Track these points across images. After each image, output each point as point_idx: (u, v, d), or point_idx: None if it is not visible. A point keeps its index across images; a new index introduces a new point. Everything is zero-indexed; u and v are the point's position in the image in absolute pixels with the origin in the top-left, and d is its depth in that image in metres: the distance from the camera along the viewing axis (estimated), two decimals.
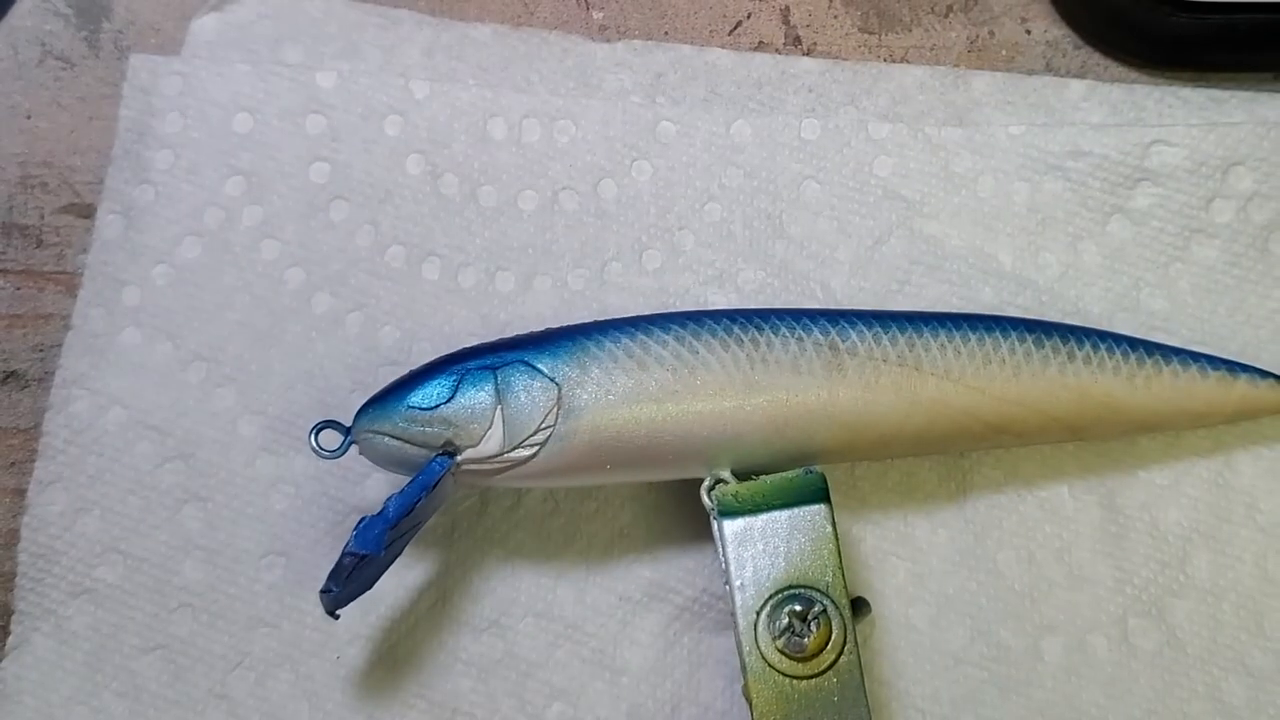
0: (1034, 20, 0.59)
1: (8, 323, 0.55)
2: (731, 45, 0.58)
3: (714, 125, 0.56)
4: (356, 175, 0.55)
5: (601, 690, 0.50)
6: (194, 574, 0.51)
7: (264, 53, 0.57)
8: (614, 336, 0.47)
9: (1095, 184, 0.54)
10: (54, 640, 0.50)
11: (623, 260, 0.54)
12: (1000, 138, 0.55)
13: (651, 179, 0.55)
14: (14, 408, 0.54)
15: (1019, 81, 0.57)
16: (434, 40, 0.58)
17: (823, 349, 0.47)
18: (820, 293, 0.54)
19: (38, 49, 0.59)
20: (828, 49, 0.59)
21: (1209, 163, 0.54)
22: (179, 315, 0.53)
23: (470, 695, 0.50)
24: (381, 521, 0.44)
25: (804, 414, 0.47)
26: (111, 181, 0.55)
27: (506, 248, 0.55)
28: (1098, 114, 0.56)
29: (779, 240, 0.54)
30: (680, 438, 0.46)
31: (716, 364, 0.47)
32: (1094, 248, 0.54)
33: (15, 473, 0.53)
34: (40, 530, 0.51)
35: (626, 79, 0.57)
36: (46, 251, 0.56)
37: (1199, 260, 0.54)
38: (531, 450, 0.46)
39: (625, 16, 0.59)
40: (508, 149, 0.55)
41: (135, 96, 0.56)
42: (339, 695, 0.50)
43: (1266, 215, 0.54)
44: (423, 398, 0.46)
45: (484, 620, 0.51)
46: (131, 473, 0.52)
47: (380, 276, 0.54)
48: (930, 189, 0.55)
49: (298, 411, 0.53)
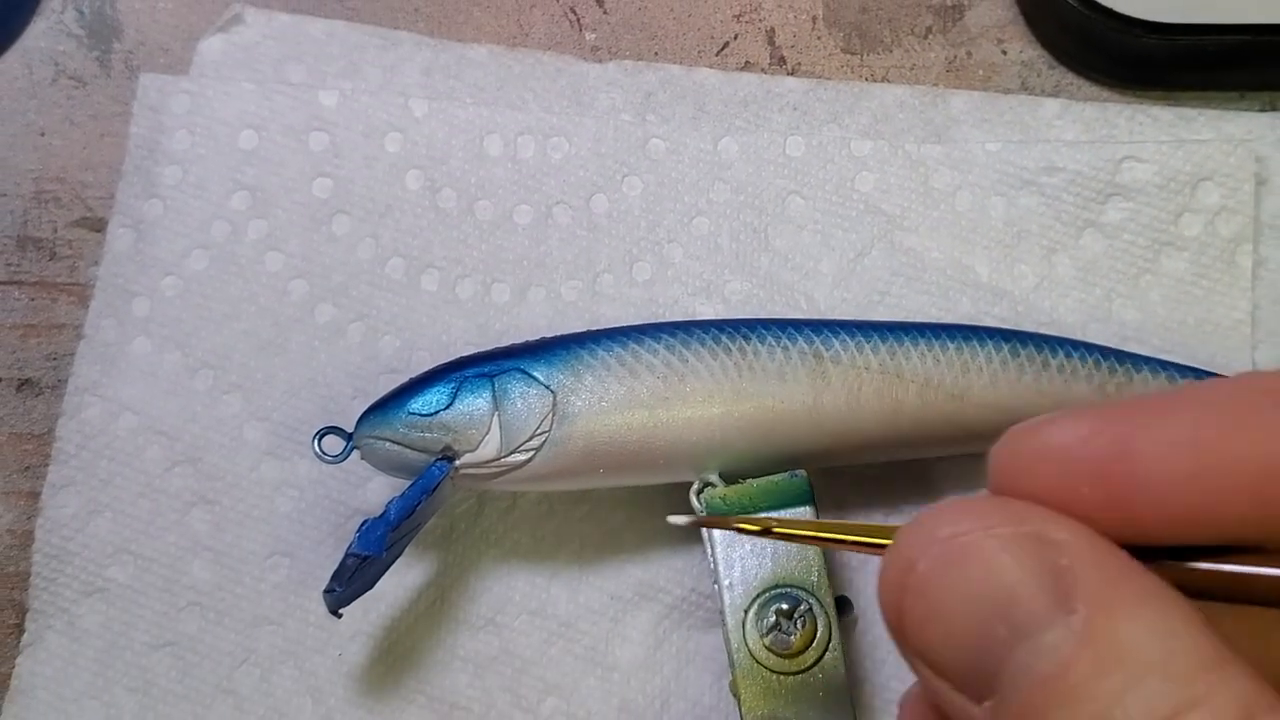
0: (1010, 41, 0.59)
1: (22, 332, 0.55)
2: (719, 65, 0.59)
3: (702, 142, 0.56)
4: (358, 190, 0.55)
5: (594, 686, 0.50)
6: (202, 574, 0.51)
7: (269, 72, 0.57)
8: (607, 345, 0.47)
9: (1069, 199, 0.54)
10: (67, 637, 0.50)
11: (614, 272, 0.55)
12: (977, 154, 0.55)
13: (642, 194, 0.55)
14: (28, 414, 0.54)
15: (995, 100, 0.56)
16: (432, 60, 0.58)
17: (808, 357, 0.48)
18: (804, 303, 0.54)
19: (51, 69, 0.59)
20: (811, 69, 0.59)
21: (1178, 178, 0.54)
22: (187, 325, 0.54)
23: (467, 690, 0.50)
24: (383, 524, 0.44)
25: (790, 420, 0.47)
26: (122, 196, 0.55)
27: (502, 260, 0.55)
28: (1071, 131, 0.56)
29: (764, 253, 0.55)
30: (671, 443, 0.46)
31: (705, 372, 0.47)
32: (1068, 260, 0.54)
33: (29, 476, 0.54)
34: (54, 532, 0.51)
35: (618, 98, 0.57)
36: (59, 264, 0.56)
37: (1169, 272, 0.54)
38: (527, 455, 0.46)
39: (616, 38, 0.60)
40: (503, 165, 0.56)
41: (145, 114, 0.56)
42: (341, 690, 0.50)
43: (1233, 229, 0.54)
44: (423, 404, 0.46)
45: (480, 618, 0.51)
46: (142, 476, 0.52)
47: (381, 288, 0.54)
48: (910, 204, 0.55)
49: (301, 417, 0.53)
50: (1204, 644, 0.24)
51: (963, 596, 0.27)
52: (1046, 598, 0.25)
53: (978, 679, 0.26)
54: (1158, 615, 0.25)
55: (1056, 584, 0.25)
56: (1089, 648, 0.25)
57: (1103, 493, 0.26)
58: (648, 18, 0.60)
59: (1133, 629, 0.25)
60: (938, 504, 0.28)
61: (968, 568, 0.27)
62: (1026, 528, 0.26)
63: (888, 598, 0.28)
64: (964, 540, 0.27)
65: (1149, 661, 0.24)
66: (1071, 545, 0.26)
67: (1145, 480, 0.26)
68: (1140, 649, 0.24)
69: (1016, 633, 0.26)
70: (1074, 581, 0.25)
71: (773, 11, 0.60)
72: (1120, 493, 0.26)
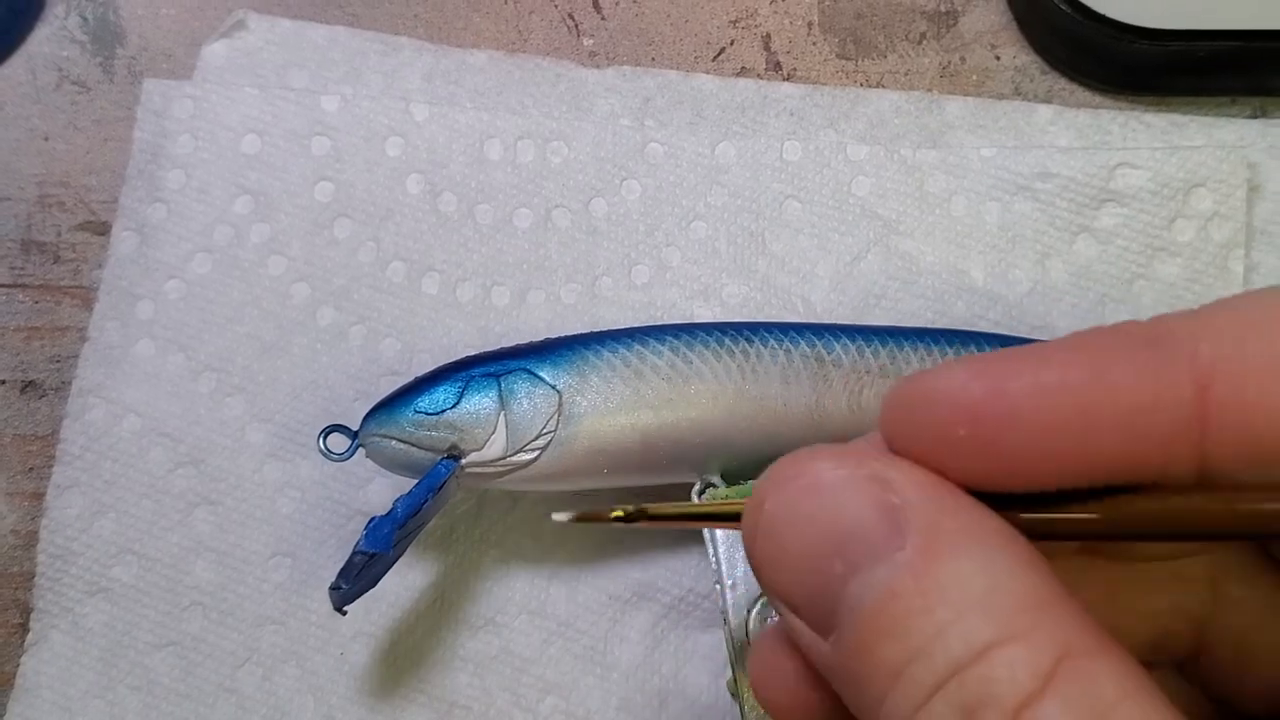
0: (1003, 47, 0.59)
1: (26, 335, 0.56)
2: (715, 71, 0.59)
3: (699, 147, 0.56)
4: (359, 194, 0.55)
5: (592, 685, 0.51)
6: (204, 574, 0.52)
7: (271, 78, 0.57)
8: (612, 347, 0.48)
9: (1063, 204, 0.55)
10: (71, 637, 0.51)
11: (613, 275, 0.55)
12: (972, 159, 0.55)
13: (640, 198, 0.56)
14: (32, 416, 0.55)
15: (990, 106, 0.57)
16: (433, 66, 0.58)
17: (810, 360, 0.48)
18: (801, 306, 0.54)
19: (55, 74, 0.59)
20: (807, 74, 0.59)
21: (1171, 184, 0.54)
22: (190, 328, 0.54)
23: (467, 689, 0.51)
24: (390, 522, 0.45)
25: (792, 421, 0.47)
26: (126, 200, 0.55)
27: (502, 263, 0.55)
28: (1065, 137, 0.56)
29: (762, 256, 0.55)
30: (674, 443, 0.47)
31: (709, 374, 0.47)
32: (1061, 265, 0.54)
33: (34, 477, 0.54)
34: (58, 532, 0.52)
35: (616, 103, 0.57)
36: (64, 267, 0.57)
37: (1161, 277, 0.54)
38: (533, 454, 0.46)
39: (615, 44, 0.60)
40: (503, 169, 0.56)
41: (148, 119, 0.56)
42: (342, 689, 0.51)
43: (1225, 234, 0.54)
44: (429, 403, 0.47)
45: (480, 618, 0.51)
46: (145, 477, 0.52)
47: (382, 291, 0.55)
48: (906, 208, 0.55)
49: (304, 420, 0.53)
50: (1030, 583, 0.25)
51: (803, 534, 0.28)
52: (878, 535, 0.27)
53: (821, 614, 0.28)
54: (985, 553, 0.26)
55: (888, 522, 0.27)
56: (914, 582, 0.26)
57: (977, 435, 0.27)
58: (645, 24, 0.60)
59: (958, 566, 0.26)
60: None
61: (807, 507, 0.28)
62: (863, 470, 0.28)
63: (746, 540, 0.30)
64: (804, 481, 0.28)
65: (971, 597, 0.25)
66: (905, 485, 0.27)
67: (1017, 421, 0.27)
68: (964, 585, 0.25)
69: (851, 568, 0.27)
70: (905, 520, 0.27)
71: (769, 17, 0.60)
72: (993, 434, 0.27)
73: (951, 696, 0.25)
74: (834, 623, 0.27)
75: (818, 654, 0.28)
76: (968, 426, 0.27)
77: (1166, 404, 0.26)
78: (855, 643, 0.26)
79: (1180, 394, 0.26)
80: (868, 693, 0.26)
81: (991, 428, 0.27)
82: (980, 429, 0.27)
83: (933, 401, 0.28)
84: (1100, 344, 0.27)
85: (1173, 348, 0.27)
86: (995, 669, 0.24)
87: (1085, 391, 0.27)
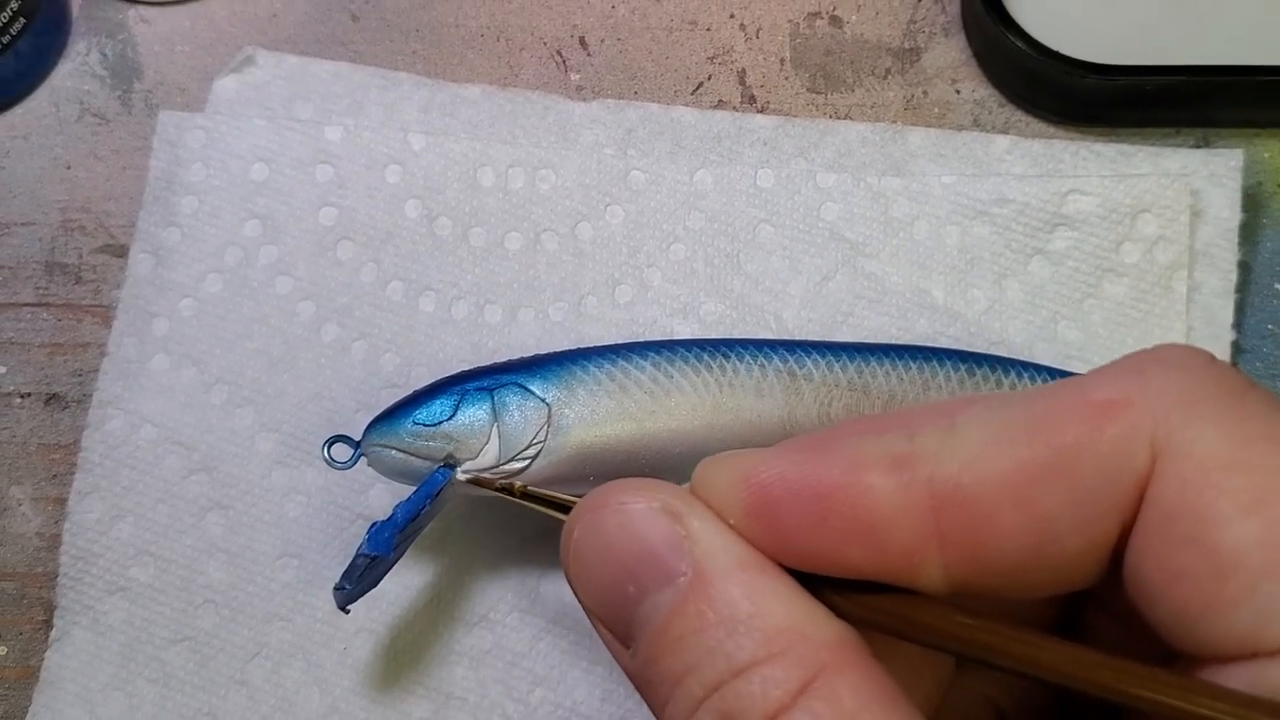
0: (963, 82, 0.61)
1: (50, 351, 0.58)
2: (694, 104, 0.61)
3: (679, 174, 0.57)
4: (361, 218, 0.57)
5: (579, 677, 0.52)
6: (217, 574, 0.53)
7: (278, 110, 0.59)
8: (597, 362, 0.49)
9: (1018, 228, 0.56)
10: (92, 633, 0.52)
11: (598, 294, 0.56)
12: (934, 186, 0.56)
13: (624, 222, 0.57)
14: (55, 426, 0.56)
15: (950, 137, 0.58)
16: (429, 99, 0.60)
17: (782, 375, 0.49)
18: (774, 323, 0.56)
19: (76, 106, 0.61)
20: (780, 107, 0.61)
21: (1119, 210, 0.55)
22: (203, 343, 0.55)
23: (463, 682, 0.52)
24: (391, 526, 0.46)
25: (766, 432, 0.49)
26: (142, 224, 0.57)
27: (494, 283, 0.56)
28: (1020, 166, 0.57)
29: (737, 277, 0.56)
30: (656, 452, 0.48)
31: (689, 387, 0.48)
32: (1017, 285, 0.56)
33: (57, 484, 0.56)
34: (79, 535, 0.53)
35: (601, 133, 0.59)
36: (85, 287, 0.58)
37: (1110, 296, 0.55)
38: (524, 463, 0.47)
39: (599, 78, 0.62)
40: (495, 195, 0.57)
41: (164, 149, 0.58)
42: (346, 682, 0.52)
43: (1170, 256, 0.55)
44: (427, 415, 0.48)
45: (475, 615, 0.53)
46: (161, 484, 0.54)
47: (382, 309, 0.56)
48: (872, 232, 0.56)
49: (309, 429, 0.54)
50: (792, 608, 0.29)
51: (604, 558, 0.31)
52: (665, 562, 0.30)
53: (622, 628, 0.31)
54: (753, 581, 0.29)
55: (674, 551, 0.30)
56: (692, 605, 0.29)
57: (749, 517, 0.31)
58: (628, 60, 0.62)
59: (729, 592, 0.29)
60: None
61: (605, 535, 0.31)
62: (655, 503, 0.31)
63: (561, 560, 0.33)
64: (607, 511, 0.32)
65: (737, 620, 0.29)
66: (692, 519, 0.31)
67: (775, 514, 0.30)
68: (732, 609, 0.29)
69: (641, 590, 0.30)
70: (688, 550, 0.30)
71: (744, 54, 0.62)
72: (761, 520, 0.31)
73: (714, 707, 0.28)
74: (632, 636, 0.31)
75: (623, 661, 0.32)
76: (735, 516, 0.31)
77: (906, 522, 0.29)
78: (646, 655, 0.30)
79: (919, 514, 0.29)
80: (656, 698, 0.30)
81: (757, 517, 0.30)
82: (750, 514, 0.31)
83: (711, 485, 0.31)
84: (863, 456, 0.30)
85: (915, 469, 0.30)
86: (751, 685, 0.28)
87: (833, 499, 0.30)
